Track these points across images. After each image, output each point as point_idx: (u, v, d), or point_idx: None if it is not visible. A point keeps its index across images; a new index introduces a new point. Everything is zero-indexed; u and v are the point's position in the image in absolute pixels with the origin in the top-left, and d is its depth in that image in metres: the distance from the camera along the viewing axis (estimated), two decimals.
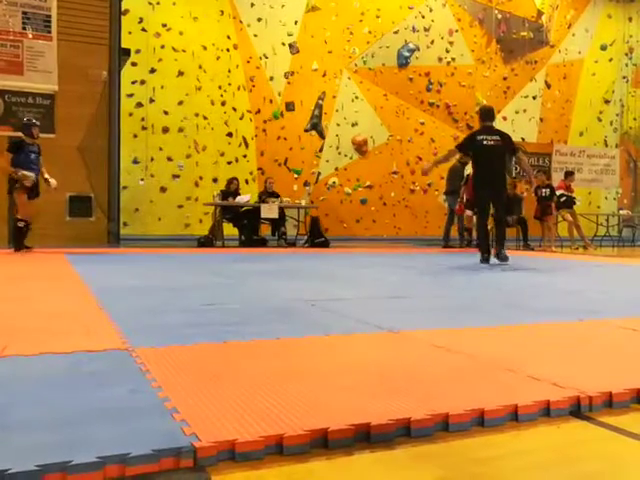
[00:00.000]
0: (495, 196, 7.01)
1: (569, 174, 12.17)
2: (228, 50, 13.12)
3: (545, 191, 11.60)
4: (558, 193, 11.84)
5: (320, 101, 13.91)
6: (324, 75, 13.94)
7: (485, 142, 6.83)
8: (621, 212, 15.12)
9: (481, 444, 1.36)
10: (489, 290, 4.42)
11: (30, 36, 9.27)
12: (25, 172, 7.69)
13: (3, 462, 1.11)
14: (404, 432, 1.38)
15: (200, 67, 12.80)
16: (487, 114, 7.11)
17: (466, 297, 3.97)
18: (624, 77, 17.54)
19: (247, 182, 13.00)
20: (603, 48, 17.07)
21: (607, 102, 17.37)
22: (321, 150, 13.92)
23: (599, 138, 17.21)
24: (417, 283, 4.91)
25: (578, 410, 1.58)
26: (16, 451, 1.17)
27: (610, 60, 17.30)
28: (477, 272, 6.02)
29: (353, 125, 13.97)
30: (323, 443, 1.31)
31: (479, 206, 7.32)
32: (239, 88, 13.22)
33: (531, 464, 1.26)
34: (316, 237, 10.73)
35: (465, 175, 11.20)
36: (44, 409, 1.44)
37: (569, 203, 11.71)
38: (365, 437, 1.35)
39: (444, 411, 1.44)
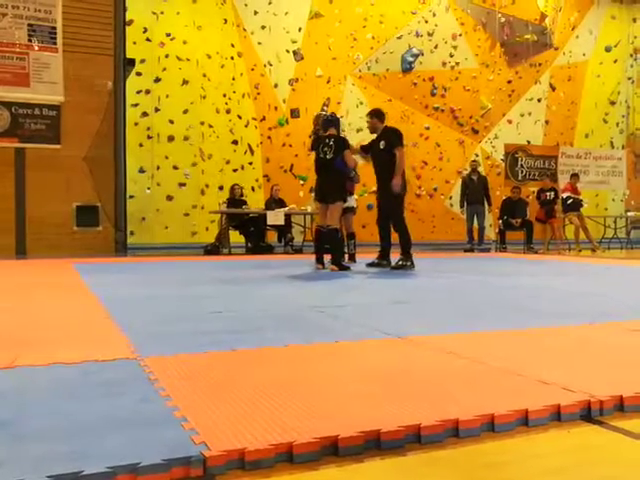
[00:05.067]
0: None
1: (574, 176, 12.15)
2: (232, 58, 13.18)
3: (549, 194, 11.61)
4: (564, 196, 11.82)
5: (325, 107, 13.93)
6: (328, 81, 13.97)
7: None
8: (629, 214, 15.05)
9: (492, 449, 1.36)
10: (496, 293, 4.41)
11: (36, 48, 9.34)
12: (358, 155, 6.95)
13: (15, 473, 1.11)
14: (414, 438, 1.38)
15: (204, 75, 12.86)
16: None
17: (473, 301, 3.96)
18: (629, 78, 17.49)
19: (253, 189, 13.03)
20: (608, 49, 17.03)
21: (613, 103, 17.32)
22: None
23: (605, 140, 17.16)
24: (423, 288, 4.90)
25: (589, 414, 1.57)
26: (28, 462, 1.18)
27: (615, 61, 17.26)
28: (483, 275, 6.00)
29: (358, 131, 13.94)
30: (333, 450, 1.31)
31: (401, 208, 6.94)
32: (244, 96, 13.27)
33: (543, 469, 1.25)
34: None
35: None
36: (55, 419, 1.44)
37: (576, 206, 11.67)
38: (375, 444, 1.34)
39: (454, 417, 1.44)
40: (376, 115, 7.03)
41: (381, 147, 6.83)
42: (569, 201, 11.68)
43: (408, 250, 6.72)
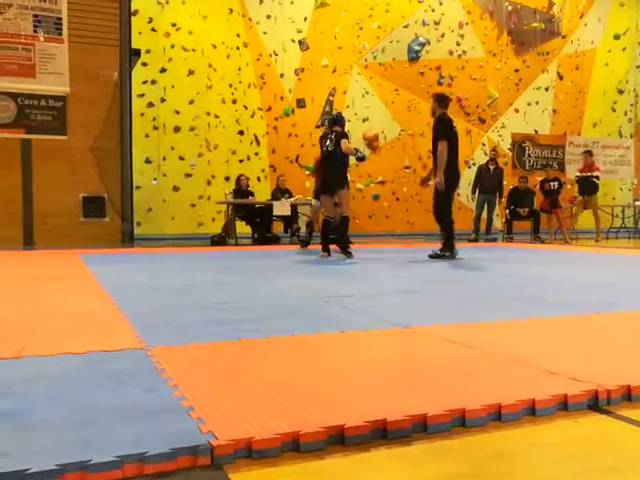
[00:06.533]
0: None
1: (585, 152, 11.94)
2: (238, 48, 13.13)
3: (553, 184, 11.55)
4: (576, 175, 11.78)
5: (331, 97, 13.88)
6: (334, 71, 13.90)
7: (455, 128, 6.91)
8: (637, 203, 14.96)
9: (498, 439, 1.35)
10: (503, 283, 4.40)
11: (41, 39, 9.32)
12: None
13: (23, 462, 1.12)
14: (421, 428, 1.38)
15: (210, 66, 12.82)
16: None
17: (480, 291, 3.95)
18: (638, 66, 17.32)
19: (259, 180, 13.02)
20: (616, 37, 16.86)
21: (621, 92, 17.16)
22: None
23: (613, 129, 17.02)
24: (430, 278, 4.89)
25: (596, 404, 1.56)
26: (36, 451, 1.18)
27: (623, 49, 17.09)
28: (490, 265, 5.98)
29: (364, 121, 13.92)
30: (340, 440, 1.31)
31: (451, 195, 6.88)
32: (249, 86, 13.23)
33: (549, 459, 1.25)
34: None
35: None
36: (62, 409, 1.45)
37: (586, 186, 11.45)
38: (382, 433, 1.34)
39: (461, 406, 1.44)
40: (437, 99, 7.01)
41: (433, 138, 6.84)
42: (576, 180, 11.64)
43: (448, 242, 6.69)
